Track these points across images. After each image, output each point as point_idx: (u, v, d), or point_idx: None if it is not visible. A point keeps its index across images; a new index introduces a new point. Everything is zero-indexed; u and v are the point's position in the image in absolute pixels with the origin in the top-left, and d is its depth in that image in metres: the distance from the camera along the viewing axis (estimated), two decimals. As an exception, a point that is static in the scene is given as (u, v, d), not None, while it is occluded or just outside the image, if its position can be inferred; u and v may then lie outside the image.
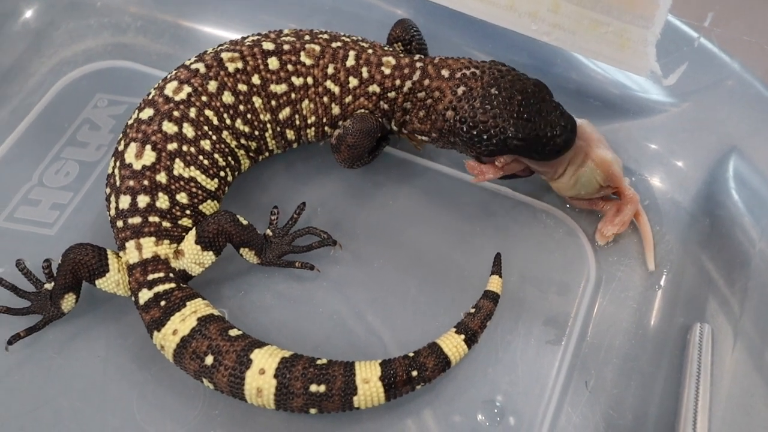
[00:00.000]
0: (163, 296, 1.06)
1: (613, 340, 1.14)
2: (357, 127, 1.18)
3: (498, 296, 1.12)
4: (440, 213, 1.26)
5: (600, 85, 1.30)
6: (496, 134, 1.09)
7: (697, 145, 1.28)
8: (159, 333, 1.04)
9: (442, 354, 1.04)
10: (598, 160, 1.15)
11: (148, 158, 1.09)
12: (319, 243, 1.18)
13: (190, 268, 1.10)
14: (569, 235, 1.23)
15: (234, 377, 1.00)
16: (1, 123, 1.37)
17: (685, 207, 1.24)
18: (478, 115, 1.09)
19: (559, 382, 1.10)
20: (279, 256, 1.16)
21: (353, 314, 1.16)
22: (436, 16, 1.38)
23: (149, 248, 1.08)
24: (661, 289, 1.18)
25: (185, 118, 1.11)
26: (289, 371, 1.00)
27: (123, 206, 1.08)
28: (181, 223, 1.11)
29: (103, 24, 1.50)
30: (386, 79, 1.17)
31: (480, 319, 1.09)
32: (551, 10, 1.19)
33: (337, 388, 0.99)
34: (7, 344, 1.09)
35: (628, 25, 1.17)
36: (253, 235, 1.13)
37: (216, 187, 1.15)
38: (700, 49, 1.23)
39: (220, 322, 1.05)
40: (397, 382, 1.01)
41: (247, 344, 1.02)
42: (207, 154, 1.13)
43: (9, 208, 1.26)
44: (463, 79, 1.13)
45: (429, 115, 1.16)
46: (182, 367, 1.04)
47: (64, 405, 1.08)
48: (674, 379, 1.09)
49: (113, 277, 1.09)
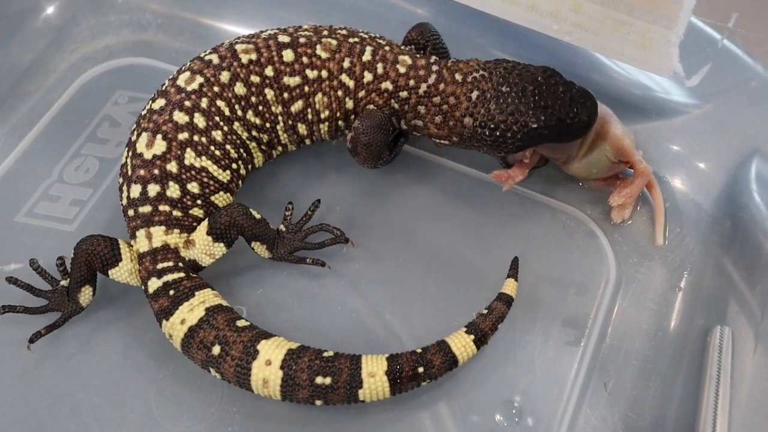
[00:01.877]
0: (172, 285, 1.07)
1: (632, 341, 1.13)
2: (366, 124, 1.17)
3: (512, 299, 1.12)
4: (459, 212, 1.26)
5: (622, 86, 1.30)
6: (519, 129, 1.09)
7: (719, 146, 1.27)
8: (167, 322, 1.05)
9: (450, 352, 1.04)
10: (609, 136, 1.15)
11: (159, 148, 1.09)
12: (332, 240, 1.18)
13: (200, 258, 1.11)
14: (589, 236, 1.22)
15: (240, 368, 1.01)
16: (22, 119, 1.38)
17: (706, 209, 1.24)
18: (496, 116, 1.09)
19: (577, 383, 1.09)
20: (291, 252, 1.16)
21: (372, 313, 1.16)
22: (458, 15, 1.38)
23: (159, 237, 1.09)
24: (681, 291, 1.17)
25: (196, 108, 1.12)
26: (296, 363, 1.00)
27: (134, 195, 1.09)
28: (192, 212, 1.11)
29: (124, 21, 1.51)
30: (400, 77, 1.17)
31: (491, 320, 1.09)
32: (573, 10, 1.19)
33: (343, 380, 1.00)
34: (29, 342, 1.09)
35: (651, 25, 1.16)
36: (265, 229, 1.13)
37: (228, 179, 1.15)
38: (723, 51, 1.22)
39: (228, 313, 1.06)
40: (403, 377, 1.01)
41: (254, 335, 1.03)
42: (218, 145, 1.13)
43: (29, 204, 1.27)
44: (474, 83, 1.13)
45: (446, 121, 1.15)
46: (189, 357, 1.04)
47: (83, 400, 1.09)
48: (694, 381, 1.09)
49: (126, 266, 1.09)
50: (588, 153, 1.16)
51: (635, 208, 1.24)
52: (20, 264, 1.19)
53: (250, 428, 1.06)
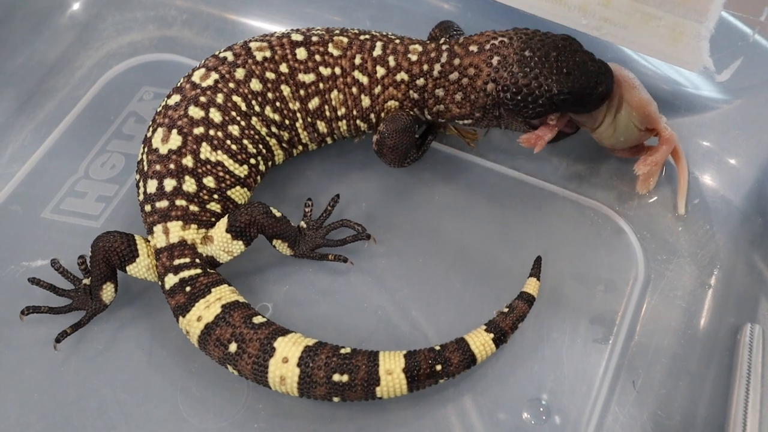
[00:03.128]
0: (188, 282, 1.07)
1: (661, 339, 1.12)
2: (391, 127, 1.18)
3: (533, 298, 1.11)
4: (485, 209, 1.25)
5: (651, 81, 1.28)
6: (542, 94, 1.09)
7: (749, 142, 1.26)
8: (184, 319, 1.05)
9: (469, 351, 1.03)
10: (634, 102, 1.14)
11: (174, 142, 1.10)
12: (353, 237, 1.17)
13: (218, 255, 1.11)
14: (617, 232, 1.21)
15: (257, 365, 1.01)
16: (48, 115, 1.39)
17: (737, 205, 1.22)
18: (520, 80, 1.09)
19: (606, 381, 1.09)
20: (312, 249, 1.16)
21: (398, 310, 1.15)
22: (485, 11, 1.37)
23: (176, 232, 1.09)
24: (711, 289, 1.16)
25: (212, 103, 1.12)
26: (312, 360, 1.00)
27: (150, 190, 1.09)
28: (209, 207, 1.12)
29: (149, 17, 1.52)
30: (413, 65, 1.16)
31: (512, 319, 1.08)
32: (602, 4, 1.18)
33: (360, 378, 0.99)
34: (56, 342, 1.10)
35: (681, 18, 1.15)
36: (286, 227, 1.13)
37: (246, 174, 1.15)
38: (754, 45, 1.21)
39: (245, 309, 1.06)
40: (421, 374, 1.01)
41: (270, 332, 1.03)
42: (235, 140, 1.13)
43: (56, 200, 1.28)
44: (494, 50, 1.12)
45: (467, 96, 1.14)
46: (207, 353, 1.05)
47: (109, 396, 1.09)
48: (724, 380, 1.08)
49: (143, 261, 1.09)
50: (615, 119, 1.15)
51: (660, 177, 1.23)
52: (46, 260, 1.19)
53: (276, 425, 1.06)
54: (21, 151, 1.34)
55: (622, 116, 1.15)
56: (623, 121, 1.15)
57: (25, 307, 1.11)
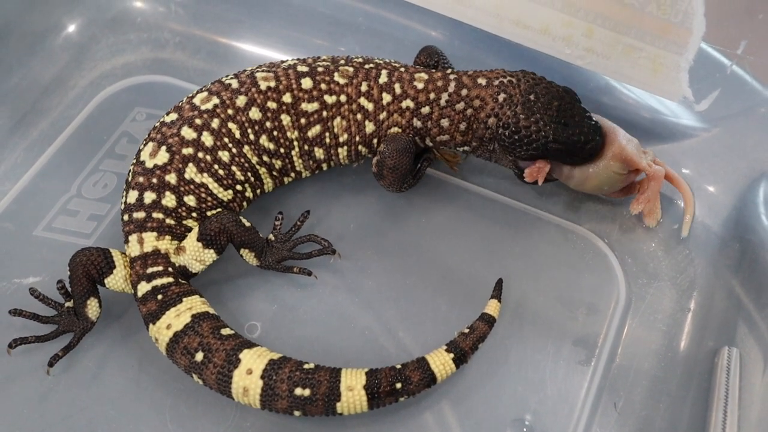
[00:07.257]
0: (160, 290, 1.08)
1: (642, 362, 1.14)
2: (392, 147, 1.19)
3: (494, 320, 1.12)
4: (472, 232, 1.27)
5: (632, 110, 1.32)
6: (538, 138, 1.12)
7: (727, 170, 1.28)
8: (154, 326, 1.06)
9: (429, 370, 1.05)
10: (610, 153, 1.15)
11: (161, 158, 1.12)
12: (319, 251, 1.19)
13: (190, 264, 1.12)
14: (599, 256, 1.24)
15: (222, 375, 1.02)
16: (42, 134, 1.40)
17: (715, 231, 1.25)
18: (521, 120, 1.12)
19: (588, 402, 1.10)
20: (278, 261, 1.17)
21: (385, 330, 1.17)
22: (472, 38, 1.40)
23: (150, 242, 1.10)
24: (690, 312, 1.18)
25: (206, 127, 1.14)
26: (276, 373, 1.01)
27: (130, 201, 1.12)
28: (186, 223, 1.14)
29: (143, 39, 1.53)
30: (419, 93, 1.19)
31: (472, 340, 1.09)
32: (585, 35, 1.21)
33: (321, 393, 1.01)
34: (48, 366, 1.10)
35: (662, 50, 1.18)
36: (254, 237, 1.14)
37: (230, 198, 1.17)
38: (732, 76, 1.24)
39: (214, 321, 1.07)
40: (381, 392, 1.02)
41: (237, 344, 1.04)
42: (224, 165, 1.15)
43: (48, 218, 1.29)
44: (501, 87, 1.15)
45: (470, 126, 1.17)
46: (174, 362, 1.06)
47: (98, 414, 1.10)
48: (703, 402, 1.09)
49: (120, 272, 1.11)
50: (590, 172, 1.17)
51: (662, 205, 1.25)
52: (38, 277, 1.20)
53: (264, 443, 1.07)
54: (14, 169, 1.35)
55: (600, 168, 1.16)
56: (603, 173, 1.16)
57: (12, 339, 1.10)
